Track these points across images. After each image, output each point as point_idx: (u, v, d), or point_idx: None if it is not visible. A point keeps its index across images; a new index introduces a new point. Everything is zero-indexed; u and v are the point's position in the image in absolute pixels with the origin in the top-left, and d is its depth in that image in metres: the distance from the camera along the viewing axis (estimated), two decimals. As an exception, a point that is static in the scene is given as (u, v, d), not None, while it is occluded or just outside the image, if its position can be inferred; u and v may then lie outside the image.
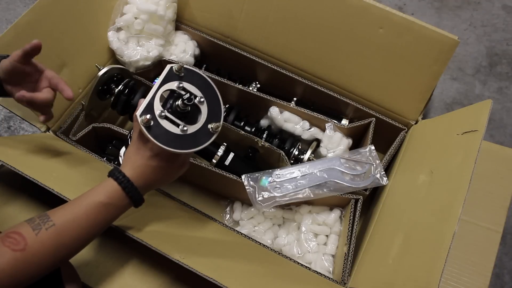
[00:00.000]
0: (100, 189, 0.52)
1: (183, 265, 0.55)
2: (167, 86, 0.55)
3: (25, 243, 0.45)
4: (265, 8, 0.86)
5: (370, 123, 0.84)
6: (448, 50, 0.76)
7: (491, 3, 1.35)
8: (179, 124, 0.53)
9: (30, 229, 0.46)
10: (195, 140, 0.54)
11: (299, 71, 0.89)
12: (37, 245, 0.46)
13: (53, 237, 0.47)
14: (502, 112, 1.18)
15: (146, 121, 0.51)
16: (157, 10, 0.86)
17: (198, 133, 0.55)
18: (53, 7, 0.77)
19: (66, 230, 0.49)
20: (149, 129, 0.51)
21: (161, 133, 0.52)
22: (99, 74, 0.75)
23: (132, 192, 0.53)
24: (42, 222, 0.48)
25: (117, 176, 0.53)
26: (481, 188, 0.70)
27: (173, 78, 0.56)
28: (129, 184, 0.53)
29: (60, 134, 0.81)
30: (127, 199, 0.53)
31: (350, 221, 0.73)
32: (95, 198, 0.51)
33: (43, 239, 0.46)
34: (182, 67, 0.57)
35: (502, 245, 1.00)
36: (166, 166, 0.55)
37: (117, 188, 0.52)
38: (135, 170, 0.54)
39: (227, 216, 0.89)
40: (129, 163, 0.54)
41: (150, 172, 0.54)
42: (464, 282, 0.63)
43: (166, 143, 0.51)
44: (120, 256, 0.65)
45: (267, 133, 0.88)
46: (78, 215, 0.50)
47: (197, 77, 0.58)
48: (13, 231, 0.46)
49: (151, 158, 0.54)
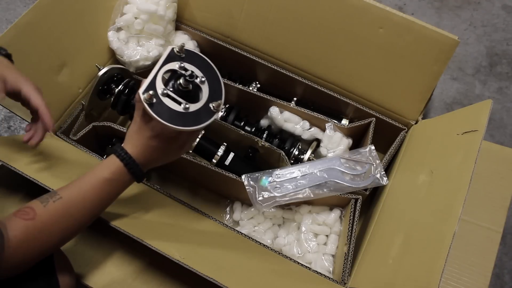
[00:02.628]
0: (104, 165, 0.55)
1: (183, 265, 0.55)
2: (169, 66, 0.56)
3: (34, 213, 0.49)
4: (265, 8, 0.86)
5: (370, 123, 0.84)
6: (448, 50, 0.76)
7: (491, 3, 1.35)
8: (181, 102, 0.54)
9: (38, 202, 0.50)
10: (197, 118, 0.54)
11: (299, 71, 0.89)
12: (46, 215, 0.50)
13: (61, 208, 0.51)
14: (502, 112, 1.18)
15: (149, 98, 0.51)
16: (157, 10, 0.86)
17: (200, 111, 0.55)
18: (53, 7, 0.77)
19: (72, 202, 0.52)
20: (151, 106, 0.52)
21: (164, 110, 0.52)
22: (99, 74, 0.75)
23: (133, 168, 0.56)
24: (50, 196, 0.51)
25: (119, 153, 0.55)
26: (481, 188, 0.70)
27: (174, 58, 0.56)
28: (131, 161, 0.55)
29: (60, 134, 0.81)
30: (129, 175, 0.56)
31: (350, 221, 0.73)
32: (100, 174, 0.54)
33: (50, 210, 0.50)
34: (183, 47, 0.57)
35: (502, 245, 1.00)
36: (166, 146, 0.57)
37: (119, 165, 0.55)
38: (136, 148, 0.56)
39: (227, 216, 0.89)
40: (131, 141, 0.56)
41: (151, 151, 0.56)
42: (464, 282, 0.63)
43: (168, 120, 0.52)
44: (120, 256, 0.66)
45: (267, 133, 0.88)
46: (84, 189, 0.53)
47: (198, 58, 0.58)
48: (23, 206, 0.50)
49: (151, 138, 0.55)
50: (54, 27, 0.78)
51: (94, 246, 0.66)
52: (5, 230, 0.46)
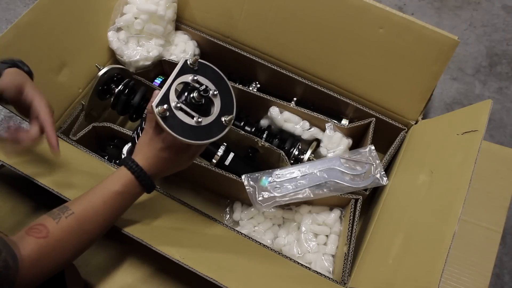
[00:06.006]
0: (115, 178, 0.55)
1: (183, 265, 0.55)
2: (182, 79, 0.56)
3: (47, 231, 0.48)
4: (265, 8, 0.86)
5: (370, 123, 0.84)
6: (448, 50, 0.76)
7: (491, 3, 1.35)
8: (194, 116, 0.54)
9: (51, 219, 0.50)
10: (209, 132, 0.55)
11: (299, 71, 0.89)
12: (59, 232, 0.49)
13: (73, 224, 0.50)
14: (502, 112, 1.18)
15: (162, 112, 0.51)
16: (157, 10, 0.86)
17: (211, 125, 0.56)
18: (53, 7, 0.77)
19: (85, 217, 0.52)
20: (164, 120, 0.52)
21: (176, 124, 0.53)
22: (99, 74, 0.76)
23: (145, 180, 0.56)
24: (61, 212, 0.51)
25: (130, 165, 0.55)
26: (481, 188, 0.70)
27: (188, 71, 0.57)
28: (142, 173, 0.55)
29: (60, 134, 0.81)
30: (140, 186, 0.56)
31: (350, 221, 0.73)
32: (111, 188, 0.54)
33: (63, 226, 0.49)
34: (197, 60, 0.57)
35: (502, 245, 1.00)
36: (176, 157, 0.57)
37: (130, 177, 0.55)
38: (147, 160, 0.56)
39: (227, 216, 0.89)
40: (141, 152, 0.57)
41: (161, 162, 0.56)
42: (464, 282, 0.63)
43: (181, 134, 0.52)
44: (128, 262, 0.65)
45: (267, 133, 0.88)
46: (96, 204, 0.53)
47: (210, 70, 0.59)
48: (35, 223, 0.49)
49: (162, 149, 0.55)
50: (54, 27, 0.78)
51: (101, 252, 0.66)
52: (17, 250, 0.45)
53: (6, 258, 0.43)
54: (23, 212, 0.70)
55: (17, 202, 0.71)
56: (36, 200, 0.71)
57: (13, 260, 0.44)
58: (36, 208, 0.71)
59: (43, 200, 0.71)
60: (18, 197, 0.72)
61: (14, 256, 0.44)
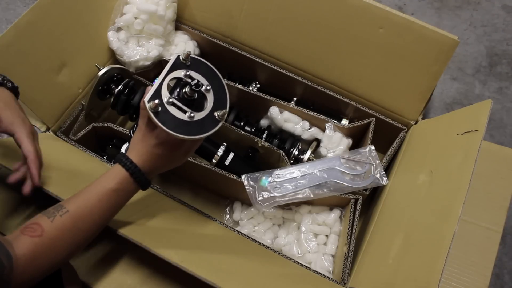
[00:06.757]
0: (109, 176, 0.54)
1: (182, 268, 0.55)
2: (174, 74, 0.56)
3: (42, 229, 0.48)
4: (265, 8, 0.86)
5: (370, 123, 0.84)
6: (448, 50, 0.76)
7: (491, 3, 1.35)
8: (186, 111, 0.54)
9: (45, 218, 0.49)
10: (202, 127, 0.55)
11: (299, 71, 0.89)
12: (54, 231, 0.49)
13: (68, 222, 0.50)
14: (502, 112, 1.18)
15: (154, 107, 0.51)
16: (157, 10, 0.86)
17: (204, 120, 0.55)
18: (53, 7, 0.77)
19: (80, 215, 0.51)
20: (157, 115, 0.52)
21: (169, 119, 0.52)
22: (99, 74, 0.75)
23: (139, 177, 0.55)
24: (56, 210, 0.50)
25: (124, 162, 0.55)
26: (481, 188, 0.70)
27: (180, 66, 0.56)
28: (136, 170, 0.55)
29: (60, 134, 0.81)
30: (134, 184, 0.56)
31: (350, 221, 0.73)
32: (106, 185, 0.54)
33: (58, 224, 0.49)
34: (189, 55, 0.57)
35: (502, 245, 1.00)
36: (170, 154, 0.57)
37: (125, 175, 0.55)
38: (141, 157, 0.55)
39: (227, 216, 0.89)
40: (135, 149, 0.56)
41: (155, 159, 0.56)
42: (464, 282, 0.63)
43: (173, 129, 0.52)
44: (117, 256, 0.65)
45: (267, 133, 0.88)
46: (91, 202, 0.52)
47: (203, 66, 0.58)
48: (30, 222, 0.49)
49: (156, 146, 0.55)
50: (54, 27, 0.78)
51: (99, 252, 0.66)
52: (12, 249, 0.45)
53: (1, 257, 0.43)
54: (22, 214, 0.70)
55: (15, 204, 0.71)
56: (35, 201, 0.71)
57: (7, 259, 0.43)
58: (35, 210, 0.70)
59: (43, 200, 0.70)
60: (17, 198, 0.72)
61: (9, 255, 0.44)
